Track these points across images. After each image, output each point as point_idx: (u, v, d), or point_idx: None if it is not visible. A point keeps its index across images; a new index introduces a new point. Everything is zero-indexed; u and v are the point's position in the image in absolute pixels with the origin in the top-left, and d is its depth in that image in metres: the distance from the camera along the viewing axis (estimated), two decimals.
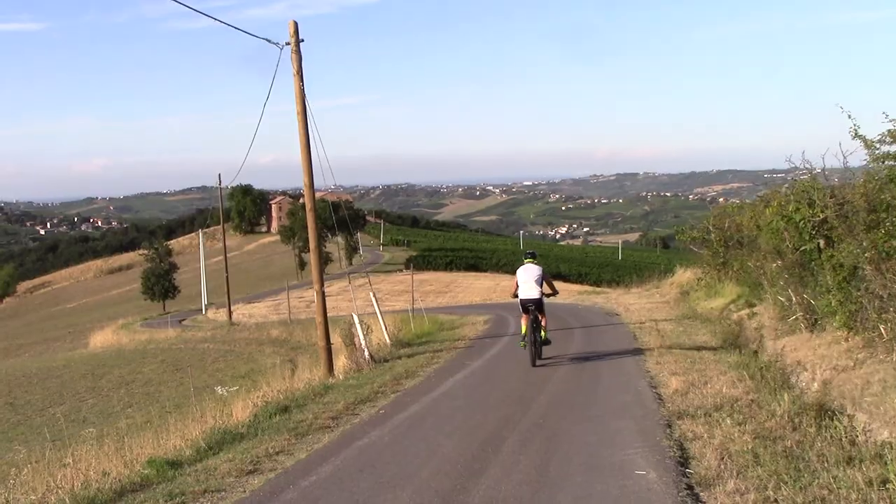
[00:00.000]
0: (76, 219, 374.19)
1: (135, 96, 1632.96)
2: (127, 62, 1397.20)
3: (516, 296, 17.59)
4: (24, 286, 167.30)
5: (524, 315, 17.43)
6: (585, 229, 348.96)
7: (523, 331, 17.70)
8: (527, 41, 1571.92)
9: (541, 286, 17.46)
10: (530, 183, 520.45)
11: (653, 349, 18.37)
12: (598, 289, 60.41)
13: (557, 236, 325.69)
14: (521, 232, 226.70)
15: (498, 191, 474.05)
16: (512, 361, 18.60)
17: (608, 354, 18.67)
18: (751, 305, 21.33)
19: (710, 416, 10.92)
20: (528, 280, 17.48)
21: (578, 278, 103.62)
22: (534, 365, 17.12)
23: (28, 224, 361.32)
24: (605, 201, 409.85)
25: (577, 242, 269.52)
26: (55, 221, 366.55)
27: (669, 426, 10.77)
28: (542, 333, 17.49)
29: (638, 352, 18.50)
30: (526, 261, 17.85)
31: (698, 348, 17.80)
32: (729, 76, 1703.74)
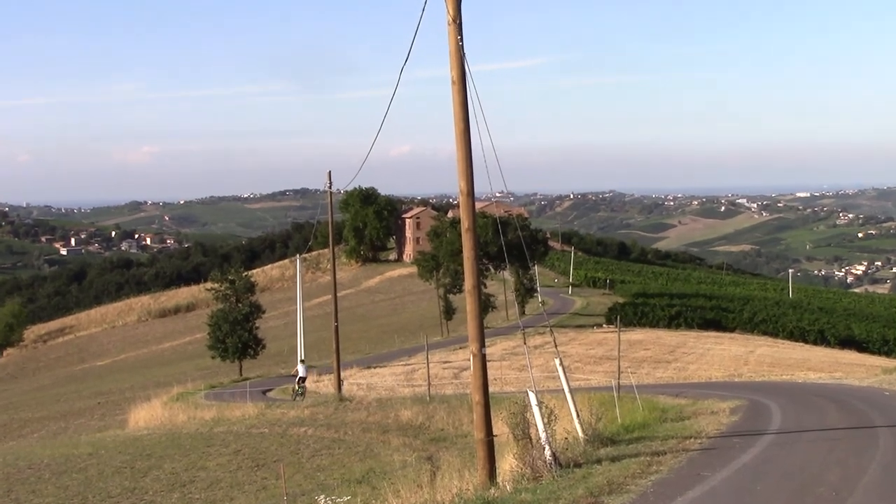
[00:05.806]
0: (114, 233, 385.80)
1: (200, 56, 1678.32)
2: (190, 7, 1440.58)
3: (295, 375, 62.70)
4: (34, 331, 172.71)
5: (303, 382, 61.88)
6: None
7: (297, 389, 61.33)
8: None
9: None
10: (805, 195, 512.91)
11: None
12: None
13: (849, 279, 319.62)
14: (790, 270, 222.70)
15: (754, 206, 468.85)
16: (778, 474, 18.33)
17: None
18: None
19: None
20: (303, 367, 63.02)
21: (883, 347, 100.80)
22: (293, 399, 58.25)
23: (44, 239, 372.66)
24: None
25: (883, 290, 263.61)
26: (83, 237, 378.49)
27: None
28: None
29: None
30: (302, 362, 65.12)
31: None
32: None
